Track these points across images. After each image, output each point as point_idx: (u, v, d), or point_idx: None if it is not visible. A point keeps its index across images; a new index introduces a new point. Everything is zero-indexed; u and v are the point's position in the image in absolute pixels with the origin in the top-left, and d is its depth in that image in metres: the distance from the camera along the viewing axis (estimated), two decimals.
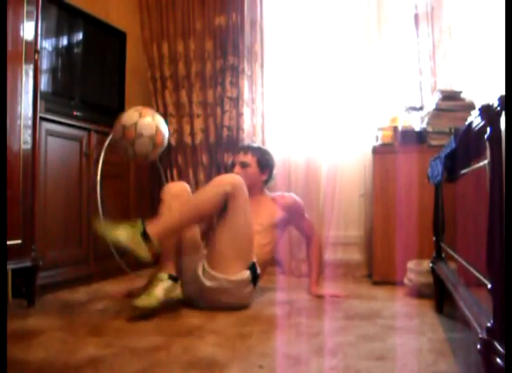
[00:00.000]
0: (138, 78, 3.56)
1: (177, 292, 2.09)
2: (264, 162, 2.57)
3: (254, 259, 2.23)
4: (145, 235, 1.97)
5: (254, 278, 2.20)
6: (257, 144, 3.09)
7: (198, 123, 3.38)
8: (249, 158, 2.54)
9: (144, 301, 1.97)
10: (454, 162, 1.66)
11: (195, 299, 2.17)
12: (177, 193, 2.22)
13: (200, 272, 2.13)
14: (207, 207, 2.13)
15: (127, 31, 3.34)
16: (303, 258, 2.94)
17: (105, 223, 2.01)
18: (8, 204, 1.88)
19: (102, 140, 2.83)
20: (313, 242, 2.63)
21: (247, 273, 2.16)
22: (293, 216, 2.58)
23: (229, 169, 2.66)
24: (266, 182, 2.62)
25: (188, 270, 2.17)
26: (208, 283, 2.11)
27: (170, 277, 2.07)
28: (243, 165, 2.53)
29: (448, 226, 2.02)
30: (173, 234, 2.12)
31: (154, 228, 2.01)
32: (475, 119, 1.22)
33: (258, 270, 2.24)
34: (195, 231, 2.27)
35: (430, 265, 2.20)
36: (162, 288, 2.02)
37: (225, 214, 2.15)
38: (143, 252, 1.95)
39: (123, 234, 1.94)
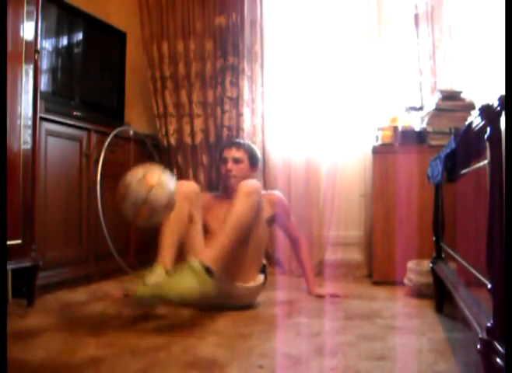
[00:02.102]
0: (138, 78, 3.56)
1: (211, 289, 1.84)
2: (255, 159, 2.56)
3: (264, 261, 2.27)
4: (209, 271, 1.85)
5: (265, 278, 2.27)
6: (244, 140, 3.04)
7: (198, 123, 3.38)
8: (241, 154, 2.50)
9: (171, 290, 1.74)
10: (454, 162, 1.66)
11: (202, 302, 2.11)
12: (187, 193, 2.16)
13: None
14: (247, 223, 2.06)
15: (127, 31, 3.35)
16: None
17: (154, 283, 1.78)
18: (8, 204, 1.88)
19: (102, 140, 2.83)
20: (302, 244, 2.59)
21: (262, 278, 2.21)
22: (279, 215, 2.52)
23: (220, 164, 2.60)
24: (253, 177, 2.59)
25: None
26: (226, 289, 2.06)
27: (206, 269, 1.84)
28: (237, 161, 2.49)
29: (448, 226, 2.02)
30: (227, 255, 1.99)
31: (209, 258, 1.89)
32: (475, 119, 1.22)
33: (267, 269, 2.31)
34: (199, 234, 2.24)
35: (430, 265, 2.20)
36: (195, 277, 1.78)
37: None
38: (211, 288, 1.81)
39: (192, 282, 1.76)
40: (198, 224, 2.22)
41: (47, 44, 2.66)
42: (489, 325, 0.99)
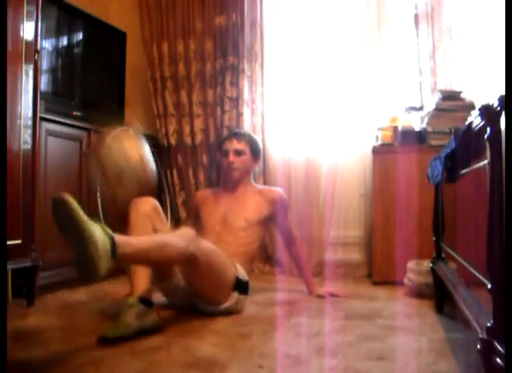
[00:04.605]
0: (138, 78, 3.56)
1: (153, 318, 1.80)
2: (256, 150, 2.48)
3: (235, 273, 2.08)
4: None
5: (244, 289, 2.11)
6: (244, 130, 3.02)
7: (198, 123, 3.38)
8: (243, 146, 2.42)
9: (113, 332, 1.68)
10: (454, 162, 1.66)
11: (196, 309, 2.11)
12: (146, 213, 2.01)
13: (195, 300, 2.04)
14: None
15: (127, 31, 3.34)
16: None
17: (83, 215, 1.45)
18: (8, 204, 1.88)
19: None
20: (299, 244, 2.53)
21: (235, 296, 2.05)
22: (279, 212, 2.43)
23: (220, 157, 2.49)
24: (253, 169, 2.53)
25: (178, 289, 2.06)
26: (207, 310, 2.05)
27: (142, 301, 1.80)
28: (238, 153, 2.40)
29: (448, 226, 2.02)
30: (136, 262, 1.81)
31: (124, 248, 1.56)
32: (475, 119, 1.22)
33: (245, 278, 2.13)
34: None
35: (430, 265, 2.20)
36: (134, 314, 1.74)
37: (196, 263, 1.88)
38: (104, 265, 1.45)
39: (99, 234, 1.45)
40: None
41: (47, 44, 2.66)
42: (489, 325, 0.99)
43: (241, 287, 2.09)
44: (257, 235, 2.39)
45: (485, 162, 1.09)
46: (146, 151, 1.96)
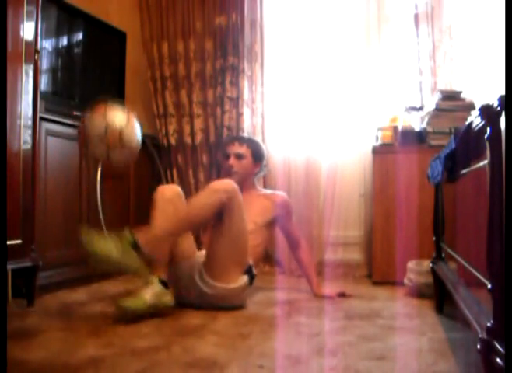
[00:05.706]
0: (138, 78, 3.56)
1: (167, 298, 1.98)
2: (259, 154, 2.52)
3: (251, 262, 2.22)
4: (135, 246, 1.90)
5: (251, 279, 2.21)
6: (248, 135, 3.07)
7: (198, 123, 3.38)
8: (244, 149, 2.47)
9: (131, 303, 1.89)
10: (454, 162, 1.66)
11: (195, 303, 2.15)
12: (170, 198, 2.14)
13: (198, 279, 2.10)
14: (201, 216, 2.06)
15: (127, 31, 3.34)
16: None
17: (91, 236, 1.87)
18: (8, 204, 1.88)
19: None
20: (303, 246, 2.57)
21: (244, 279, 2.15)
22: (283, 216, 2.50)
23: (222, 159, 2.55)
24: (256, 174, 2.59)
25: (184, 275, 2.15)
26: (208, 291, 2.09)
27: (161, 282, 1.99)
28: (239, 157, 2.46)
29: (448, 226, 2.02)
30: (165, 244, 2.05)
31: (144, 237, 1.93)
32: (475, 119, 1.21)
33: (254, 271, 2.24)
34: (189, 237, 2.28)
35: (430, 265, 2.20)
36: (151, 291, 1.94)
37: (221, 222, 2.06)
38: (135, 263, 1.89)
39: (112, 247, 1.85)
40: None
41: (47, 44, 2.66)
42: (489, 325, 0.99)
43: (251, 274, 2.20)
44: (262, 238, 2.43)
45: (485, 162, 1.09)
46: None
